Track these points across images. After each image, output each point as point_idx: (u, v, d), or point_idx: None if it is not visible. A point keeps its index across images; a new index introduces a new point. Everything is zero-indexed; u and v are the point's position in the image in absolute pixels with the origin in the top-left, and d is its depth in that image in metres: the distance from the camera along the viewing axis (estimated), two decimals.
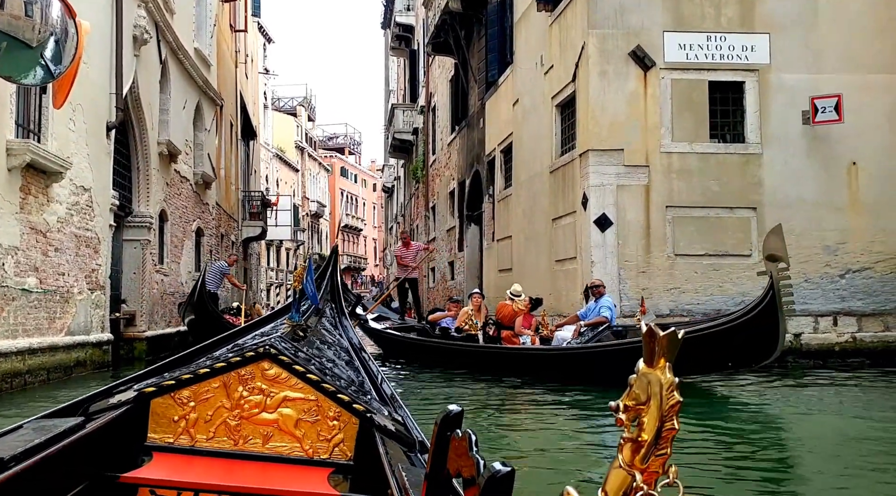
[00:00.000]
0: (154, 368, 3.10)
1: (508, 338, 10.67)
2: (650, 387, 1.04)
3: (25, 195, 8.95)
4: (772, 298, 7.98)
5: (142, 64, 13.13)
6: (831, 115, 11.40)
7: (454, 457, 1.41)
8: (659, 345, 1.05)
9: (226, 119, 22.06)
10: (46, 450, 2.09)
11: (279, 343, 2.72)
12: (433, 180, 26.47)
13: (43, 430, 2.22)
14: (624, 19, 11.80)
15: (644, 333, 1.06)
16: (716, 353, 8.20)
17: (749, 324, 8.12)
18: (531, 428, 7.05)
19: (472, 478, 1.29)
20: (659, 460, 1.04)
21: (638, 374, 1.06)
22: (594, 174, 11.62)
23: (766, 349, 8.16)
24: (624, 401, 1.07)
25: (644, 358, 1.06)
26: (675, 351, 1.04)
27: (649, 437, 1.04)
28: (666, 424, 1.03)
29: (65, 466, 2.19)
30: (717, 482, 4.64)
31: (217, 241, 20.99)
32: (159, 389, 2.60)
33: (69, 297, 10.27)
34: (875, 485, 4.67)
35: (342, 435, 2.62)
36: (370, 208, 69.24)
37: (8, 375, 8.51)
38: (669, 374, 1.04)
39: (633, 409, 1.06)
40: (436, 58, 24.94)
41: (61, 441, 2.18)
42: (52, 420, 2.45)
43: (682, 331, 1.08)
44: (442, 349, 11.14)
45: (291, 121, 49.89)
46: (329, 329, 4.03)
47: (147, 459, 2.53)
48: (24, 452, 1.99)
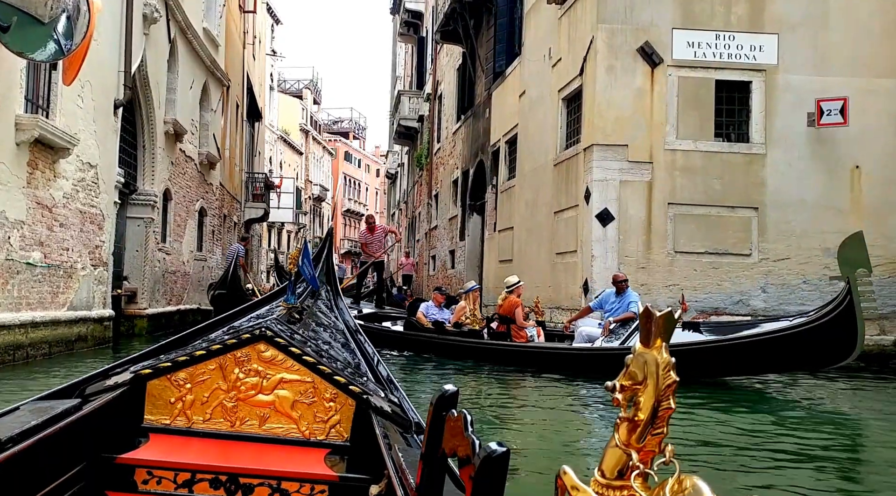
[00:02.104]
0: (150, 350, 3.09)
1: (516, 333, 10.40)
2: (647, 366, 1.05)
3: (33, 170, 9.00)
4: (849, 303, 7.97)
5: (151, 42, 13.15)
6: (836, 117, 11.43)
7: (449, 437, 1.42)
8: (656, 326, 1.06)
9: (232, 100, 22.07)
10: (43, 431, 2.09)
11: (275, 325, 2.73)
12: (437, 168, 26.50)
13: (40, 412, 2.23)
14: (633, 15, 11.82)
15: (641, 314, 1.08)
16: (788, 355, 8.33)
17: (824, 328, 8.14)
18: (529, 411, 7.12)
19: (467, 457, 1.29)
20: (655, 439, 1.06)
21: (634, 354, 1.07)
22: (598, 169, 11.67)
23: (842, 352, 8.19)
24: (620, 381, 1.08)
25: (640, 338, 1.08)
26: (672, 331, 1.06)
27: (645, 417, 1.05)
28: (662, 404, 1.04)
29: (62, 448, 2.19)
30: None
31: (220, 221, 21.04)
32: (155, 371, 2.61)
33: (72, 273, 10.35)
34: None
35: (338, 416, 2.63)
36: (373, 193, 69.23)
37: (10, 348, 8.59)
38: (666, 354, 1.05)
39: (630, 389, 1.07)
40: (444, 46, 24.91)
41: (58, 422, 2.18)
42: (49, 401, 2.46)
43: (752, 331, 1.11)
44: (448, 345, 10.85)
45: (297, 103, 49.79)
46: (325, 311, 4.02)
47: (144, 441, 2.54)
48: (22, 434, 1.99)
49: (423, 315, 11.78)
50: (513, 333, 10.34)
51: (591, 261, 11.54)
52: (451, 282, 21.34)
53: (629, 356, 1.08)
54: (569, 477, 1.11)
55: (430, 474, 1.56)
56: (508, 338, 10.37)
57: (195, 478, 2.42)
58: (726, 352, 8.44)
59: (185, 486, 2.42)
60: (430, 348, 11.01)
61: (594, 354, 9.15)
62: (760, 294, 11.56)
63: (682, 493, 0.98)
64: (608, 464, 1.09)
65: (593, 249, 11.56)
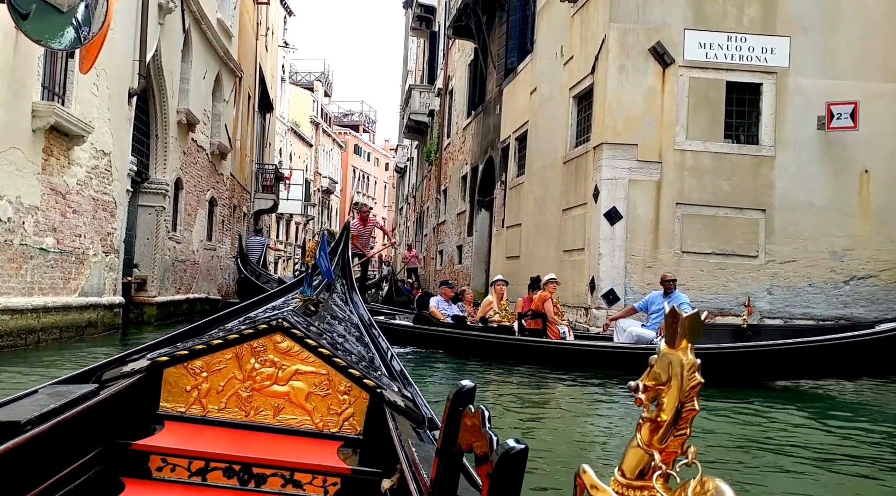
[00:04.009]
0: (167, 338, 3.10)
1: (550, 329, 10.03)
2: (671, 367, 1.04)
3: (48, 156, 9.11)
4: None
5: (165, 32, 13.25)
6: (847, 121, 11.44)
7: (466, 433, 1.40)
8: (682, 327, 1.04)
9: (244, 91, 22.16)
10: (61, 415, 2.10)
11: (291, 316, 2.74)
12: (446, 163, 26.55)
13: (58, 396, 2.24)
14: (646, 15, 11.85)
15: (667, 314, 1.06)
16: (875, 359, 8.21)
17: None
18: (549, 408, 7.09)
19: (484, 454, 1.27)
20: (678, 440, 1.04)
21: (659, 355, 1.06)
22: (607, 167, 11.71)
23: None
24: (644, 381, 1.07)
25: (666, 339, 1.06)
26: (698, 333, 1.05)
27: (668, 417, 1.03)
28: (686, 405, 1.03)
29: (78, 432, 2.20)
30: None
31: (230, 211, 21.16)
32: (172, 359, 2.63)
33: (84, 259, 10.46)
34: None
35: (352, 409, 2.65)
36: (381, 187, 69.31)
37: (23, 331, 8.72)
38: (691, 355, 1.04)
39: (653, 389, 1.06)
40: (456, 41, 24.95)
41: (75, 407, 2.20)
42: (67, 386, 2.47)
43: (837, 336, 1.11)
44: (470, 342, 10.25)
45: (308, 95, 49.89)
46: (340, 304, 4.03)
47: (159, 428, 2.56)
48: (40, 417, 2.01)
49: (437, 309, 11.23)
50: (548, 330, 9.95)
51: (599, 260, 11.59)
52: (458, 276, 21.41)
53: (653, 356, 1.07)
54: (588, 475, 1.10)
55: (446, 470, 1.54)
56: (544, 335, 9.96)
57: (209, 467, 2.44)
58: (817, 353, 8.23)
59: (198, 474, 2.44)
60: (447, 344, 10.38)
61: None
62: (766, 296, 11.60)
63: (705, 495, 0.96)
64: (629, 464, 1.08)
65: (601, 248, 11.62)
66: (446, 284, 12.35)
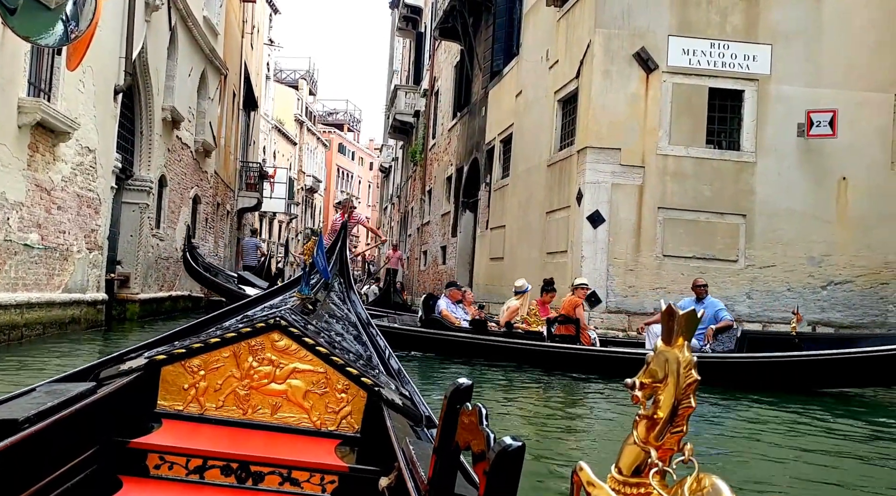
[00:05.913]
0: (165, 336, 3.09)
1: (582, 335, 9.82)
2: (668, 365, 1.05)
3: (33, 153, 9.10)
4: None
5: (152, 30, 13.23)
6: (826, 129, 11.64)
7: (463, 431, 1.40)
8: (678, 325, 1.05)
9: (229, 88, 22.13)
10: (59, 413, 2.10)
11: (289, 315, 2.74)
12: (431, 164, 26.61)
13: (55, 394, 2.23)
14: (630, 21, 11.98)
15: (663, 312, 1.07)
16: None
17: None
18: (546, 407, 7.15)
19: (481, 452, 1.27)
20: (674, 437, 1.05)
21: (656, 352, 1.07)
22: (590, 171, 11.84)
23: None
24: (640, 378, 1.08)
25: (662, 336, 1.08)
26: (694, 330, 1.06)
27: (665, 415, 1.04)
28: (682, 402, 1.04)
29: (76, 430, 2.20)
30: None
31: (213, 209, 21.11)
32: (170, 357, 2.63)
33: (68, 255, 10.45)
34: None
35: (350, 407, 2.65)
36: (365, 187, 69.21)
37: (6, 327, 8.70)
38: (687, 353, 1.05)
39: (650, 387, 1.07)
40: (442, 42, 25.01)
41: (73, 405, 2.19)
42: (64, 384, 2.46)
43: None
44: (489, 347, 9.90)
45: (292, 93, 49.70)
46: (338, 303, 4.03)
47: (156, 426, 2.56)
48: (38, 415, 2.00)
49: (449, 312, 10.69)
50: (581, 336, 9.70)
51: (581, 262, 11.71)
52: (442, 277, 21.47)
53: (650, 354, 1.08)
54: (585, 473, 1.11)
55: (443, 467, 1.55)
56: (577, 341, 9.73)
57: (206, 465, 2.44)
58: (874, 363, 8.40)
59: (196, 472, 2.44)
60: (464, 350, 9.94)
61: (721, 362, 8.78)
62: (745, 300, 11.77)
63: (702, 492, 0.97)
64: (625, 461, 1.09)
65: (583, 250, 11.73)
66: (454, 285, 11.94)
